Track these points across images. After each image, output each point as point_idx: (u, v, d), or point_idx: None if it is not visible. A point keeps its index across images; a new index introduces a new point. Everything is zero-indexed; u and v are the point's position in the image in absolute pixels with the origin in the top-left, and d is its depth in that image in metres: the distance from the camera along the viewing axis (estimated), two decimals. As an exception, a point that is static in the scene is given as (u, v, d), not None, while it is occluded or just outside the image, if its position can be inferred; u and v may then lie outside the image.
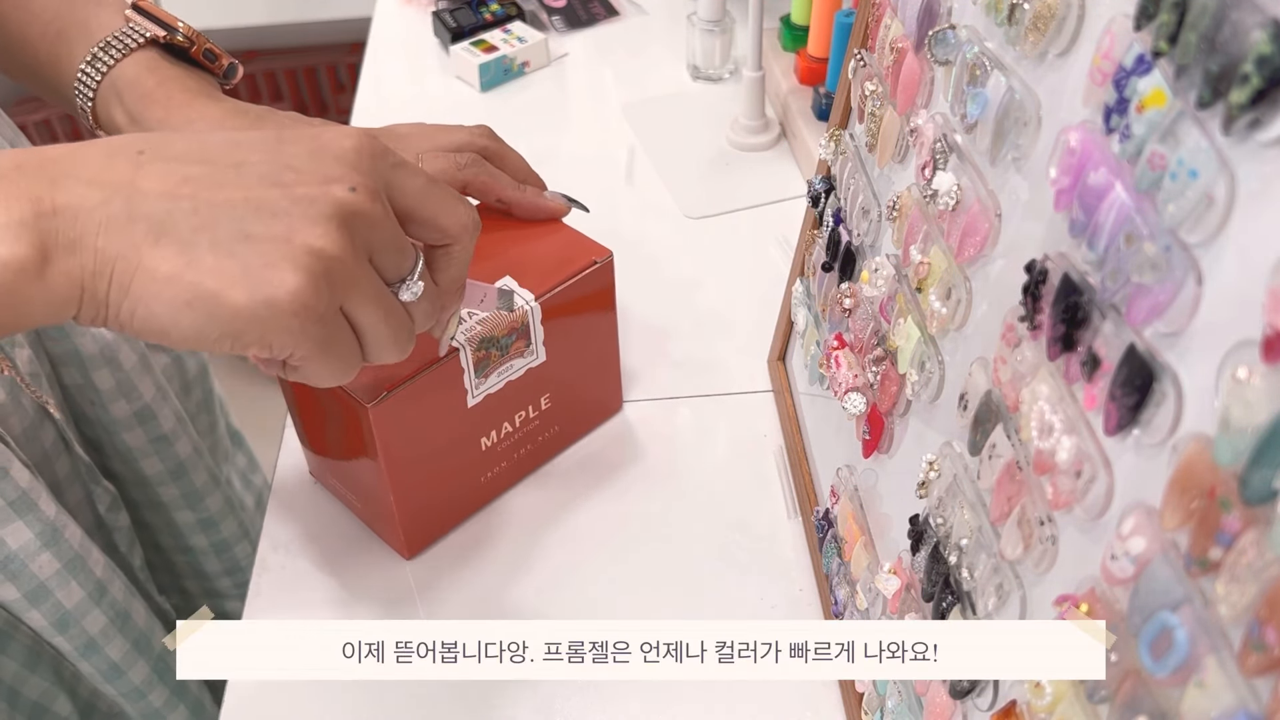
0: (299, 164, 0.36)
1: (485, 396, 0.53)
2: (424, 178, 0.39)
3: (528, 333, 0.53)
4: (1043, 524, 0.32)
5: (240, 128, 0.51)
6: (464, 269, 0.42)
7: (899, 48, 0.43)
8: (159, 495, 0.69)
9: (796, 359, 0.62)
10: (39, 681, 0.58)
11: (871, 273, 0.45)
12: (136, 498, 0.69)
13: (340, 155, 0.36)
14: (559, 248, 0.56)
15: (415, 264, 0.39)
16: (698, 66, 0.91)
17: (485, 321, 0.51)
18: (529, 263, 0.55)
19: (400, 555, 0.56)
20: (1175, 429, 0.26)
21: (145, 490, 0.68)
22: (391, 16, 1.02)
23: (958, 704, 0.38)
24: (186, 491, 0.69)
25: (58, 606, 0.54)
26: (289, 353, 0.36)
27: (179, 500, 0.69)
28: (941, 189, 0.38)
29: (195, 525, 0.71)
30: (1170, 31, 0.25)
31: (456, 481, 0.56)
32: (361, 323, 0.38)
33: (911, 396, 0.43)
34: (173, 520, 0.70)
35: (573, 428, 0.61)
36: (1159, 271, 0.26)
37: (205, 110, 0.51)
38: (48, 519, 0.53)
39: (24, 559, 0.52)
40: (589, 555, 0.56)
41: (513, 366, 0.54)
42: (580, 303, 0.55)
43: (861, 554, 0.47)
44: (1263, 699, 0.23)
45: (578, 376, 0.58)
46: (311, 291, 0.35)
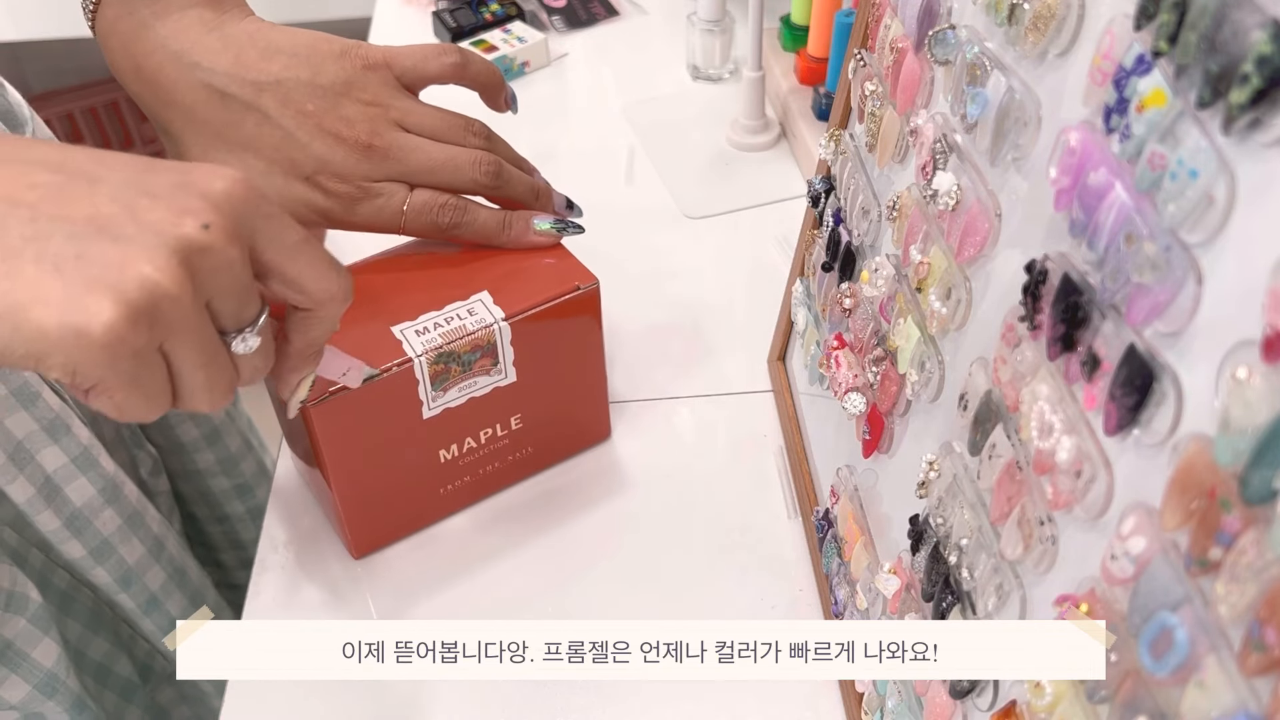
0: (159, 191, 0.34)
1: (444, 410, 0.52)
2: (296, 235, 0.37)
3: (494, 351, 0.52)
4: (1043, 524, 0.32)
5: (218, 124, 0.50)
6: (323, 336, 0.40)
7: (899, 48, 0.43)
8: (195, 462, 0.69)
9: (796, 359, 0.62)
10: (101, 643, 0.59)
11: (871, 273, 0.45)
12: (172, 466, 0.69)
13: (206, 192, 0.34)
14: (547, 268, 0.54)
15: (257, 318, 0.37)
16: (698, 66, 0.91)
17: (446, 334, 0.50)
18: (511, 279, 0.53)
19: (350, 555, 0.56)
20: (1175, 429, 0.26)
21: (181, 458, 0.69)
22: (391, 16, 1.02)
23: (958, 704, 0.38)
24: (222, 457, 0.70)
25: (121, 563, 0.55)
26: (92, 383, 0.33)
27: (214, 466, 0.70)
28: (941, 189, 0.38)
29: (231, 491, 0.72)
30: (1170, 31, 0.25)
31: (411, 489, 0.55)
32: (178, 366, 0.35)
33: (911, 396, 0.43)
34: (208, 488, 0.70)
35: (549, 452, 0.59)
36: (1159, 271, 0.26)
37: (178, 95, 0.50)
38: (108, 475, 0.54)
39: (88, 515, 0.53)
40: (589, 555, 0.56)
41: (477, 383, 0.52)
42: (559, 327, 0.53)
43: (861, 554, 0.47)
44: (1263, 699, 0.23)
45: (555, 402, 0.57)
46: (128, 326, 0.32)
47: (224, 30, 0.50)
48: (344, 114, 0.51)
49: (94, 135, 1.86)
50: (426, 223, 0.52)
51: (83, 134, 1.84)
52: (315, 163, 0.50)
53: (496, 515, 0.58)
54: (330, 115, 0.50)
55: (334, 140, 0.50)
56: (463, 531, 0.57)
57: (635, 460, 0.61)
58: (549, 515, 0.58)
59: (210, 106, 0.49)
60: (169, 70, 0.49)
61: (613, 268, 0.69)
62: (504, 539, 0.57)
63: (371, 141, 0.51)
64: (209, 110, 0.49)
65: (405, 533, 0.57)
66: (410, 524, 0.57)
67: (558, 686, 0.51)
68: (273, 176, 0.50)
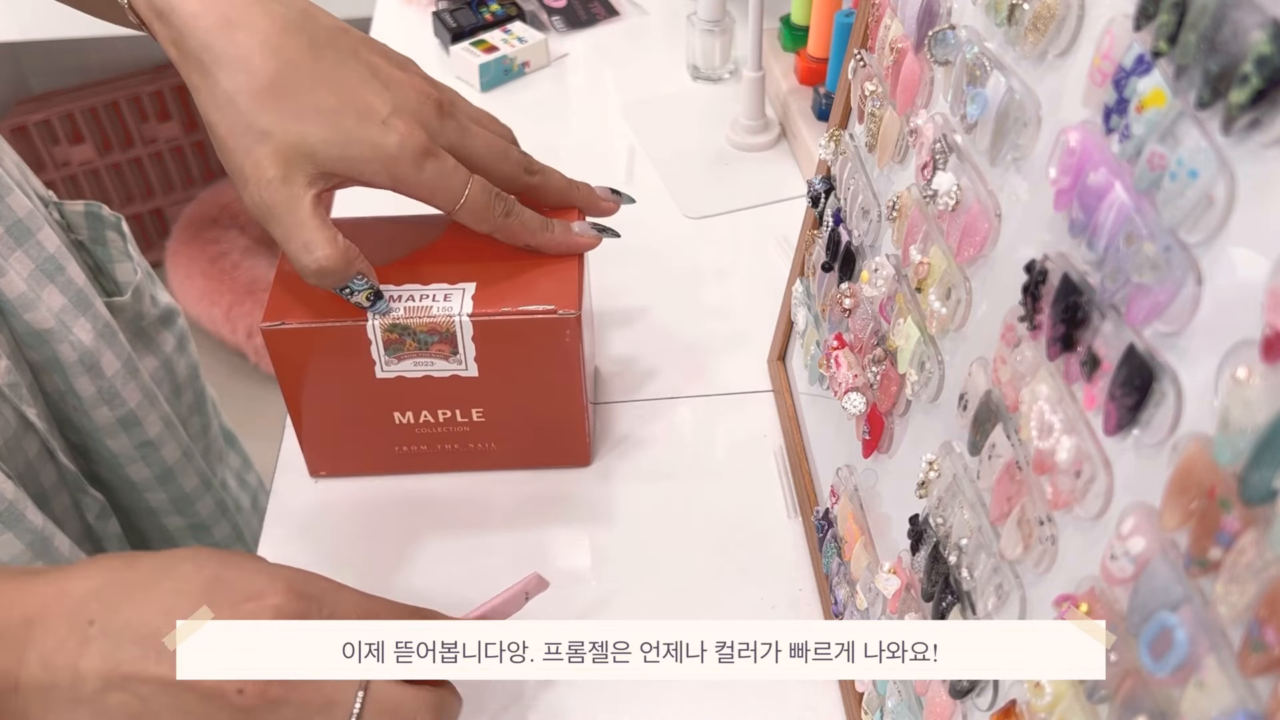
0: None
1: (398, 377, 0.54)
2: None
3: (453, 340, 0.52)
4: (1042, 524, 0.32)
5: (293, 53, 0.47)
6: None
7: (899, 48, 0.43)
8: (147, 501, 0.68)
9: (796, 359, 0.62)
10: None
11: (871, 273, 0.45)
12: (126, 504, 0.68)
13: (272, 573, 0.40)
14: (546, 282, 0.53)
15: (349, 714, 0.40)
16: (698, 66, 0.91)
17: (410, 309, 0.52)
18: (505, 280, 0.53)
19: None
20: (1175, 429, 0.26)
21: (134, 496, 0.67)
22: (391, 16, 1.02)
23: (958, 704, 0.38)
24: (175, 496, 0.69)
25: None
26: None
27: (168, 505, 0.69)
28: (941, 189, 0.38)
29: (186, 530, 0.70)
30: (1170, 32, 0.25)
31: (366, 437, 0.58)
32: None
33: (911, 396, 0.43)
34: (163, 526, 0.69)
35: (516, 455, 0.59)
36: (1159, 271, 0.26)
37: (248, 14, 0.47)
38: (36, 529, 0.52)
39: None
40: (588, 555, 0.56)
41: (434, 364, 0.53)
42: (530, 342, 0.53)
43: (861, 554, 0.47)
44: (1262, 699, 0.23)
45: (523, 411, 0.57)
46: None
47: None
48: (414, 77, 0.51)
49: (94, 135, 1.86)
50: (483, 206, 0.51)
51: (83, 134, 1.84)
52: (391, 106, 0.48)
53: (496, 514, 0.58)
54: (403, 73, 0.50)
55: (410, 89, 0.49)
56: (461, 531, 0.57)
57: (635, 460, 0.61)
58: (549, 515, 0.58)
59: (286, 34, 0.47)
60: None
61: (613, 268, 0.69)
62: (504, 538, 0.57)
63: (442, 100, 0.51)
64: (284, 38, 0.47)
65: (361, 472, 0.60)
66: (366, 466, 0.60)
67: (558, 686, 0.51)
68: (344, 116, 0.47)
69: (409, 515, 0.58)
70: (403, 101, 0.49)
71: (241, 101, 0.46)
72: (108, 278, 0.68)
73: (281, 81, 0.46)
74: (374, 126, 0.48)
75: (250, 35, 0.46)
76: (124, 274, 0.68)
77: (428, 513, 0.58)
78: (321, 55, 0.48)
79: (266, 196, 0.47)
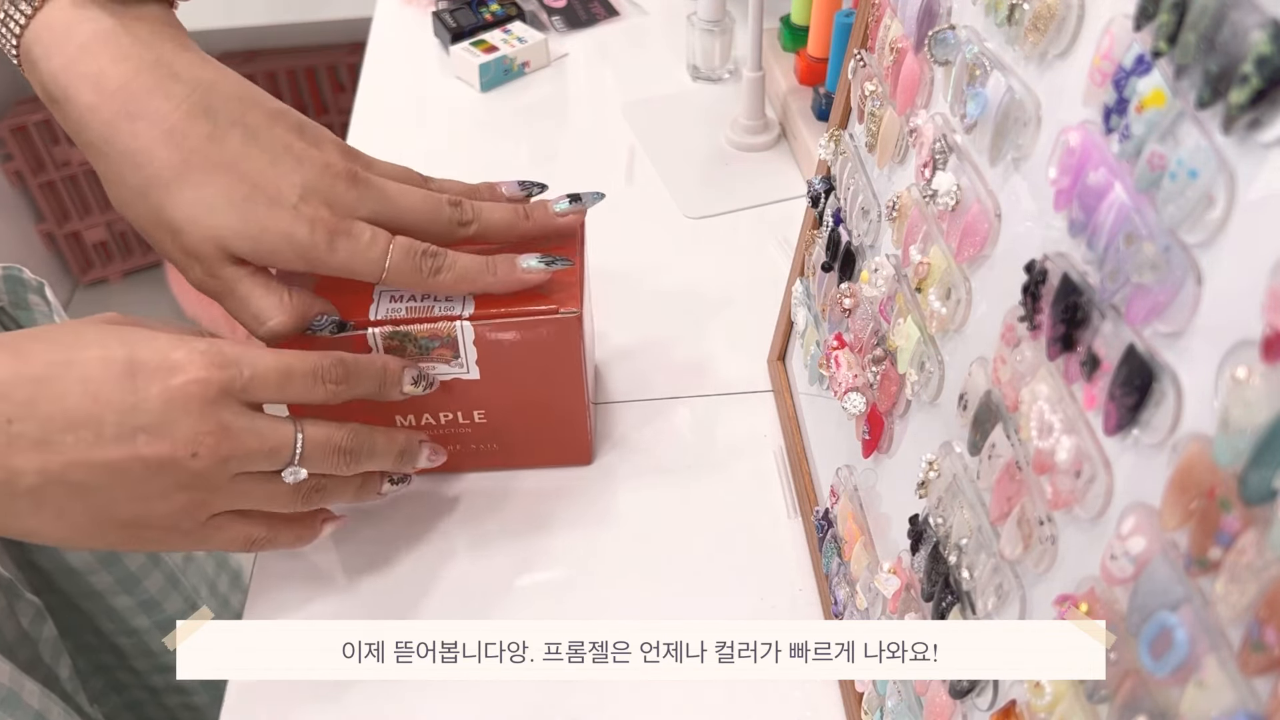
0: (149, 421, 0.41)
1: None
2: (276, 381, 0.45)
3: (455, 345, 0.52)
4: (1042, 524, 0.32)
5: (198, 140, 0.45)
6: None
7: (899, 48, 0.43)
8: (90, 584, 0.64)
9: (796, 359, 0.62)
10: None
11: (871, 273, 0.45)
12: (67, 588, 0.64)
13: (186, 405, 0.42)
14: (550, 281, 0.53)
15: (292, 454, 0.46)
16: (698, 66, 0.91)
17: (412, 310, 0.51)
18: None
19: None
20: (1175, 429, 0.26)
21: (74, 580, 0.64)
22: (391, 17, 1.02)
23: (958, 704, 0.38)
24: (121, 577, 0.65)
25: None
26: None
27: (114, 586, 0.65)
28: (941, 189, 0.38)
29: (135, 608, 0.66)
30: (1170, 32, 0.25)
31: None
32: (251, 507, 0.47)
33: (911, 396, 0.43)
34: (110, 606, 0.66)
35: (518, 456, 0.59)
36: (1159, 271, 0.26)
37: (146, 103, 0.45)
38: None
39: None
40: (588, 555, 0.56)
41: (436, 368, 0.53)
42: (532, 343, 0.53)
43: (861, 554, 0.47)
44: (1262, 699, 0.23)
45: (525, 412, 0.56)
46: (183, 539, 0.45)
47: (192, 46, 0.48)
48: (325, 149, 0.48)
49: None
50: (409, 270, 0.49)
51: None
52: (300, 189, 0.46)
53: (496, 514, 0.58)
54: (314, 148, 0.48)
55: (320, 166, 0.47)
56: (461, 531, 0.57)
57: (635, 460, 0.61)
58: (549, 515, 0.58)
59: (191, 119, 0.45)
60: (144, 79, 0.45)
61: (613, 268, 0.69)
62: (503, 538, 0.57)
63: (357, 172, 0.48)
64: (189, 123, 0.45)
65: None
66: None
67: (558, 686, 0.51)
68: (254, 206, 0.45)
69: (410, 515, 0.58)
70: (314, 181, 0.47)
71: (152, 196, 0.45)
72: None
73: (187, 174, 0.45)
74: (284, 215, 0.46)
75: (151, 125, 0.44)
76: None
77: (429, 513, 0.58)
78: (227, 137, 0.46)
79: (201, 283, 0.48)
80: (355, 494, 0.52)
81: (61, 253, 1.96)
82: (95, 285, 2.02)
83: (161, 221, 0.46)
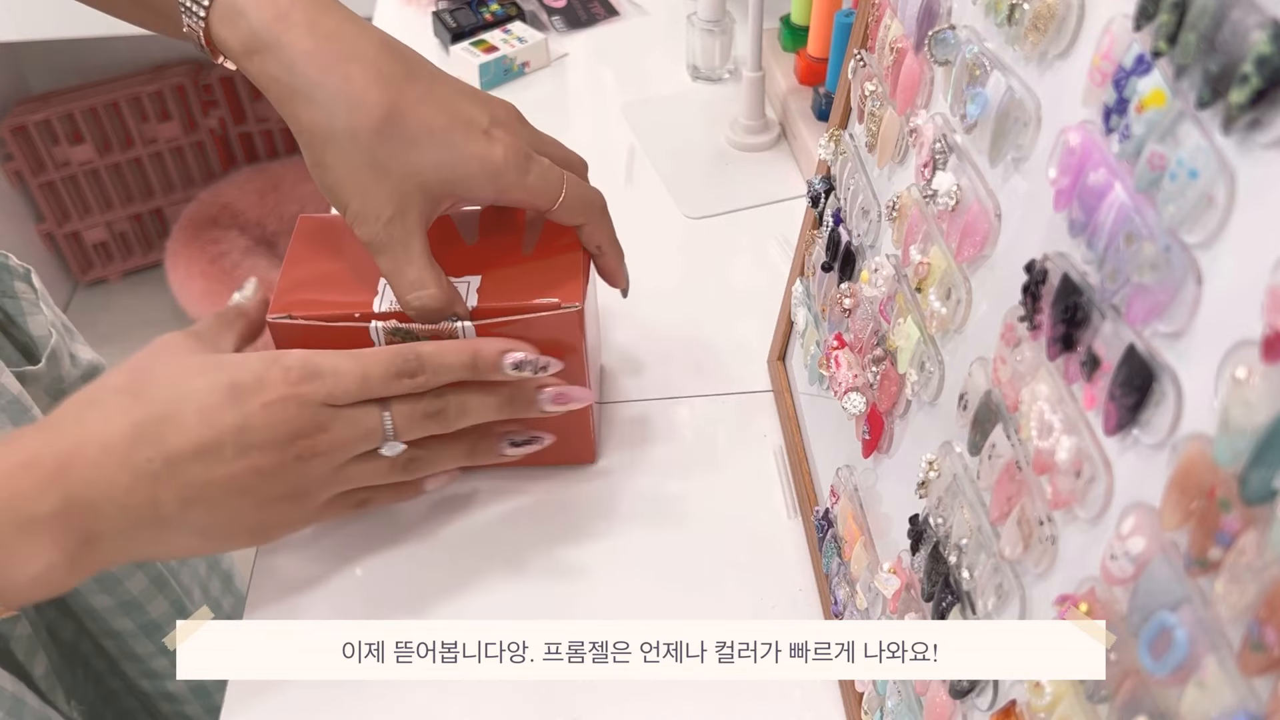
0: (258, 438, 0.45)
1: None
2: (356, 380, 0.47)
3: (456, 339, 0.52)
4: (1042, 524, 0.32)
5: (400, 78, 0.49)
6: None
7: (899, 48, 0.43)
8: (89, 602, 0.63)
9: (796, 359, 0.62)
10: None
11: (871, 273, 0.45)
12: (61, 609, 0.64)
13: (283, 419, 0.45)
14: (552, 274, 0.53)
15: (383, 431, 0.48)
16: (698, 66, 0.91)
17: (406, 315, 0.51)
18: (511, 273, 0.53)
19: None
20: (1175, 429, 0.26)
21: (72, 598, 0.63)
22: (391, 16, 1.02)
23: (958, 704, 0.38)
24: (100, 578, 0.64)
25: None
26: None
27: (92, 585, 0.64)
28: (941, 189, 0.38)
29: (115, 609, 0.65)
30: (1170, 31, 0.25)
31: None
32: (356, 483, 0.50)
33: (911, 396, 0.43)
34: (90, 606, 0.65)
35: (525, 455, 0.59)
36: (1159, 271, 0.26)
37: (356, 46, 0.48)
38: None
39: None
40: (588, 555, 0.56)
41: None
42: (535, 338, 0.52)
43: (861, 554, 0.47)
44: (1262, 699, 0.23)
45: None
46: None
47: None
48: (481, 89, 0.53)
49: (94, 135, 1.86)
50: (578, 199, 0.53)
51: (83, 134, 1.84)
52: (489, 116, 0.50)
53: (495, 513, 0.58)
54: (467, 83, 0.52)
55: (499, 103, 0.51)
56: (461, 531, 0.57)
57: (634, 460, 0.61)
58: (548, 515, 0.58)
59: (391, 59, 0.48)
60: (349, 26, 0.48)
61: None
62: (503, 538, 0.57)
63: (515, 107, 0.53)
64: (391, 64, 0.48)
65: None
66: None
67: (558, 686, 0.51)
68: (453, 133, 0.48)
69: (413, 514, 0.58)
70: (495, 110, 0.51)
71: (362, 138, 0.47)
72: (21, 331, 0.64)
73: (396, 112, 0.47)
74: (479, 139, 0.49)
75: (364, 68, 0.47)
76: (38, 328, 0.64)
77: (432, 511, 0.58)
78: (419, 75, 0.49)
79: (381, 234, 0.49)
80: (468, 456, 0.53)
81: (61, 253, 1.96)
82: (95, 285, 2.02)
83: (368, 164, 0.47)
